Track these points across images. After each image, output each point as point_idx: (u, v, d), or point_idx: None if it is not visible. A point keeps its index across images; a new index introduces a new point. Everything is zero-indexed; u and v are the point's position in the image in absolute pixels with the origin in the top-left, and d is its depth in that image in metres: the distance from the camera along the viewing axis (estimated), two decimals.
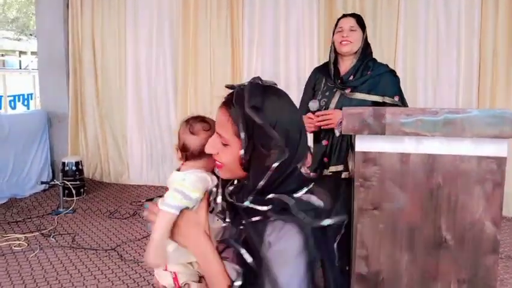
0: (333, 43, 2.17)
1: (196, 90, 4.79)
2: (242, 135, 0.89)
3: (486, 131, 1.22)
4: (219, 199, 0.99)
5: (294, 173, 0.92)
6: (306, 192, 0.92)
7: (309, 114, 2.10)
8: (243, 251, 0.89)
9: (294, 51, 4.45)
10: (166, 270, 1.03)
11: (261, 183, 0.89)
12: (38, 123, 4.87)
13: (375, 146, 1.32)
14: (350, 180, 1.70)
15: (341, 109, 1.89)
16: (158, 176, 5.06)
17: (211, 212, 1.02)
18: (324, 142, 2.14)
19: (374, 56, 2.20)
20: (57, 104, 5.07)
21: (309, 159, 1.20)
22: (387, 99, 2.05)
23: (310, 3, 4.35)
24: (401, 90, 2.14)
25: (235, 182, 0.99)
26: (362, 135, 1.31)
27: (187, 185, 0.99)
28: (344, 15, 2.20)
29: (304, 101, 2.23)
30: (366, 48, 2.15)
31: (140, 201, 4.38)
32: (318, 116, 2.09)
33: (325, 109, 2.11)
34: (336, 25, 2.18)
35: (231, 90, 0.98)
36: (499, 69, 3.94)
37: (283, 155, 0.88)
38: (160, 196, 1.02)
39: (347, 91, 2.08)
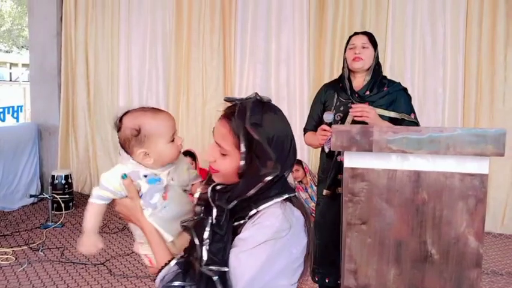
0: (345, 59, 2.20)
1: (188, 105, 4.82)
2: (243, 148, 0.96)
3: (469, 149, 1.27)
4: (197, 194, 1.07)
5: (280, 181, 1.01)
6: (285, 199, 1.00)
7: (324, 126, 2.08)
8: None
9: (284, 68, 4.53)
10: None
11: (251, 192, 0.96)
12: (28, 136, 4.85)
13: (363, 162, 1.37)
14: None
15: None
16: None
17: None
18: (339, 158, 2.12)
19: None
20: (48, 117, 5.06)
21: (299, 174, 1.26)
22: (406, 116, 2.10)
23: (301, 22, 4.43)
24: (413, 108, 2.19)
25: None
26: (350, 151, 1.35)
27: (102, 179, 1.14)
28: (356, 33, 2.24)
29: (313, 117, 2.26)
30: (377, 65, 2.20)
31: None
32: (353, 109, 2.05)
33: (341, 123, 2.10)
34: (348, 42, 2.23)
35: (229, 104, 1.04)
36: (483, 87, 4.05)
37: (276, 170, 0.96)
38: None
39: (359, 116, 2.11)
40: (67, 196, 4.42)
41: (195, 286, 0.96)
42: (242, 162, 0.96)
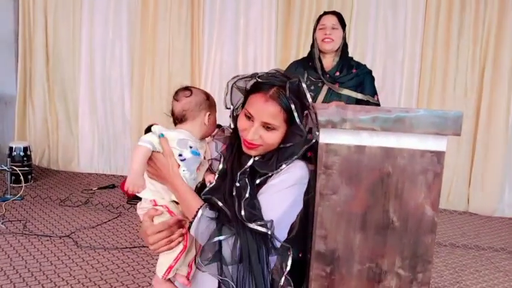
0: (315, 39, 2.27)
1: (153, 78, 4.77)
2: (298, 120, 1.15)
3: (430, 128, 1.42)
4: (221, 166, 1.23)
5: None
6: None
7: None
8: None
9: (252, 44, 4.58)
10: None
11: (300, 153, 1.15)
12: None
13: (337, 138, 1.48)
14: None
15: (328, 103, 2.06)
16: (109, 165, 5.00)
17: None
18: (309, 136, 2.24)
19: None
20: (4, 86, 4.84)
21: None
22: (370, 98, 2.24)
23: (269, 1, 4.48)
24: (376, 90, 2.34)
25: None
26: (325, 128, 1.46)
27: (158, 129, 1.23)
28: (326, 13, 2.30)
29: None
30: (345, 45, 2.30)
31: (92, 189, 4.33)
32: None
33: (313, 102, 2.22)
34: (318, 22, 2.28)
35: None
36: (436, 73, 4.32)
37: (316, 132, 1.20)
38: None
39: (336, 85, 2.22)
40: (26, 168, 4.31)
41: (235, 237, 1.07)
42: (304, 133, 1.14)
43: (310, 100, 1.17)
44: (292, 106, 1.13)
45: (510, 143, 4.28)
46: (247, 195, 1.13)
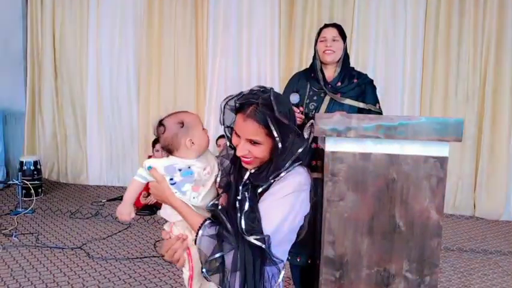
0: (316, 51, 2.33)
1: (159, 89, 4.86)
2: (276, 134, 1.20)
3: (432, 135, 1.47)
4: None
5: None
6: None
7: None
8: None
9: (255, 56, 4.66)
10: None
11: (287, 164, 1.21)
12: None
13: (342, 146, 1.54)
14: None
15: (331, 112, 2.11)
16: (118, 177, 5.07)
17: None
18: (313, 145, 2.28)
19: None
20: (13, 102, 4.95)
21: None
22: (372, 107, 2.28)
23: (272, 12, 4.57)
24: (378, 99, 2.38)
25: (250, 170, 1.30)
26: (331, 137, 1.52)
27: (147, 162, 1.34)
28: (326, 25, 2.34)
29: None
30: (346, 56, 2.35)
31: (101, 201, 4.39)
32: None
33: (315, 113, 2.22)
34: (319, 34, 2.34)
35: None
36: (438, 79, 4.37)
37: (304, 141, 1.26)
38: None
39: (338, 95, 2.27)
40: (36, 182, 4.38)
41: (234, 251, 1.16)
42: (279, 145, 1.18)
43: (277, 111, 1.20)
44: (268, 120, 1.19)
45: None
46: (246, 208, 1.22)
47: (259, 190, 1.25)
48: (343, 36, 2.34)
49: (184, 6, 4.72)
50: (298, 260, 2.52)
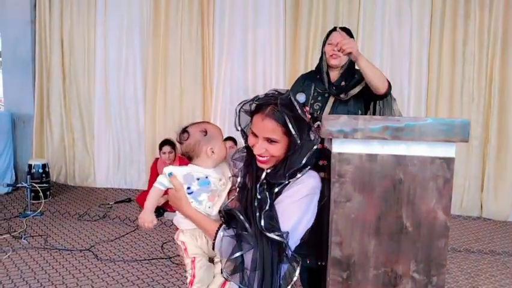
0: (324, 53, 2.36)
1: (165, 94, 4.89)
2: (294, 132, 1.25)
3: (438, 136, 1.48)
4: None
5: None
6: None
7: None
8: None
9: (261, 59, 4.68)
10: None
11: (303, 161, 1.26)
12: (2, 125, 4.78)
13: (349, 147, 1.55)
14: None
15: (336, 113, 2.14)
16: (125, 179, 5.11)
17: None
18: (319, 145, 2.30)
19: None
20: (22, 106, 5.01)
21: None
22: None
23: (277, 15, 4.59)
24: None
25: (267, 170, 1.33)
26: (338, 138, 1.53)
27: (168, 169, 1.40)
28: (336, 29, 2.36)
29: None
30: (351, 61, 2.37)
31: (108, 204, 4.42)
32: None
33: (320, 113, 2.27)
34: (327, 36, 2.36)
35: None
36: (444, 81, 4.36)
37: (318, 139, 1.30)
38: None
39: (342, 95, 2.29)
40: (45, 185, 4.43)
41: (253, 250, 1.19)
42: (298, 141, 1.24)
43: (299, 110, 1.28)
44: (286, 119, 1.25)
45: None
46: (267, 207, 1.25)
47: (276, 190, 1.29)
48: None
49: (190, 11, 4.75)
50: (308, 261, 2.53)
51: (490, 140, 4.30)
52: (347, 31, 2.36)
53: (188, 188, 1.37)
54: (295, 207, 1.27)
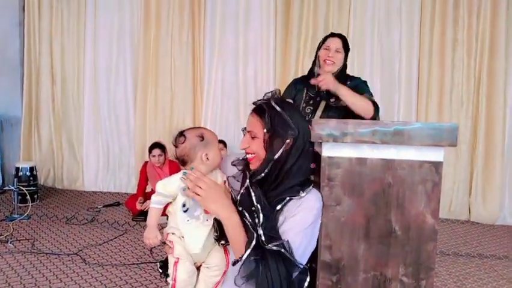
0: (318, 57, 2.36)
1: (156, 97, 4.87)
2: (266, 119, 1.26)
3: (427, 140, 1.49)
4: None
5: (308, 153, 1.37)
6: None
7: None
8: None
9: (252, 64, 4.68)
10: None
11: (277, 154, 1.27)
12: None
13: (339, 151, 1.56)
14: None
15: (327, 117, 2.13)
16: (114, 182, 5.07)
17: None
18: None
19: None
20: (10, 108, 4.95)
21: None
22: (367, 96, 2.29)
23: (267, 19, 4.61)
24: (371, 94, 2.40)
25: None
26: (327, 142, 1.53)
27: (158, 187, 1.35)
28: (333, 35, 2.37)
29: None
30: (345, 66, 2.38)
31: (97, 207, 4.38)
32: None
33: (311, 117, 2.29)
34: (323, 41, 2.37)
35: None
36: (433, 86, 4.41)
37: (295, 133, 1.27)
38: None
39: (332, 100, 2.30)
40: (32, 188, 4.37)
41: (268, 268, 1.18)
42: (265, 130, 1.26)
43: (280, 112, 1.28)
44: (266, 113, 1.27)
45: (508, 151, 4.35)
46: (261, 219, 1.24)
47: (278, 207, 1.28)
48: (346, 48, 2.38)
49: (181, 15, 4.75)
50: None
51: (478, 144, 4.35)
52: (343, 39, 2.38)
53: (184, 205, 1.32)
54: (304, 235, 1.27)
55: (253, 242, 1.21)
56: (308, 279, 1.28)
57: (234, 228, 1.26)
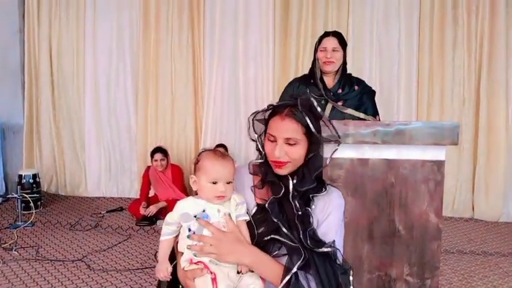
0: (316, 59, 2.33)
1: (157, 101, 4.88)
2: (313, 129, 1.23)
3: (428, 139, 1.50)
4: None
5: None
6: None
7: None
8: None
9: (252, 66, 4.68)
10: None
11: (327, 161, 1.28)
12: None
13: (341, 152, 1.56)
14: None
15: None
16: (116, 188, 5.07)
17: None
18: None
19: None
20: (11, 115, 4.96)
21: None
22: (372, 119, 2.27)
23: (266, 21, 4.61)
24: (378, 111, 2.37)
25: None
26: (329, 144, 1.53)
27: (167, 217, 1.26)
28: (327, 34, 2.33)
29: None
30: (345, 63, 2.36)
31: (100, 213, 4.39)
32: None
33: None
34: (319, 42, 2.34)
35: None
36: (434, 84, 4.41)
37: (338, 141, 1.27)
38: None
39: (340, 103, 2.27)
40: (36, 195, 4.38)
41: (317, 276, 1.17)
42: (319, 138, 1.24)
43: (320, 111, 1.26)
44: (307, 118, 1.22)
45: (510, 149, 4.34)
46: (313, 223, 1.23)
47: (313, 207, 1.25)
48: (343, 44, 2.35)
49: (180, 18, 4.75)
50: None
51: (480, 142, 4.35)
52: (339, 37, 2.35)
53: (189, 229, 1.21)
54: (339, 236, 1.26)
55: (300, 259, 1.17)
56: (351, 278, 1.24)
57: (265, 266, 1.19)
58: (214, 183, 1.22)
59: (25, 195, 4.16)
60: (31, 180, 4.41)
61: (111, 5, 4.86)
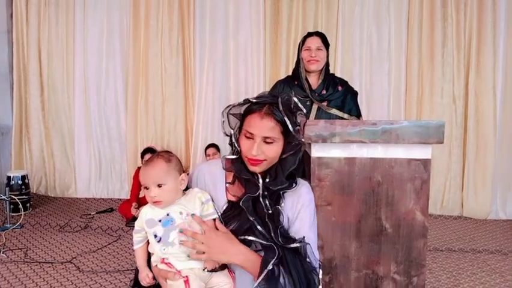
0: (301, 59, 2.36)
1: (147, 101, 4.86)
2: (292, 130, 1.24)
3: (414, 138, 1.51)
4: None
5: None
6: None
7: None
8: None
9: (242, 66, 4.68)
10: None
11: (296, 161, 1.28)
12: None
13: (328, 152, 1.57)
14: None
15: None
16: (107, 189, 5.04)
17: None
18: None
19: None
20: (0, 117, 4.90)
21: None
22: (356, 119, 2.31)
23: (257, 22, 4.61)
24: (360, 111, 2.40)
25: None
26: (317, 143, 1.54)
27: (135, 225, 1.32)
28: (310, 34, 2.38)
29: None
30: (327, 63, 2.39)
31: (90, 214, 4.36)
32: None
33: None
34: (303, 42, 2.37)
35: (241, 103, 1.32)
36: (424, 82, 4.45)
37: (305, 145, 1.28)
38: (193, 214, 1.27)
39: (324, 104, 2.30)
40: (25, 197, 4.34)
41: (288, 273, 1.19)
42: (297, 141, 1.26)
43: (304, 110, 1.29)
44: (286, 118, 1.23)
45: (499, 147, 4.39)
46: (283, 222, 1.25)
47: (282, 204, 1.26)
48: (326, 44, 2.38)
49: (170, 19, 4.74)
50: None
51: (469, 139, 4.39)
52: (322, 37, 2.38)
53: (155, 235, 1.22)
54: (312, 232, 1.29)
55: (275, 256, 1.19)
56: (321, 273, 1.29)
57: (255, 265, 1.20)
58: (147, 189, 1.25)
59: (14, 196, 4.11)
60: (20, 182, 4.36)
61: (101, 5, 4.83)
